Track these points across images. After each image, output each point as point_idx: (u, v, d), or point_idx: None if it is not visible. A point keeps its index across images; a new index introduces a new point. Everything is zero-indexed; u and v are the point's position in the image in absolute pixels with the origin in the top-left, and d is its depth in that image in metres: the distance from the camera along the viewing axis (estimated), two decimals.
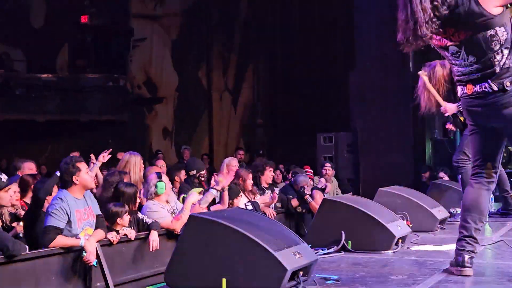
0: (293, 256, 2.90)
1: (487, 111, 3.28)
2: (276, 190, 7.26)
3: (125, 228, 4.75)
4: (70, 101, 13.95)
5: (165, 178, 5.45)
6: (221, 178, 5.54)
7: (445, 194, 6.18)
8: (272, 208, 6.68)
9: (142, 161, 6.13)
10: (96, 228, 4.46)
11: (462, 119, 5.36)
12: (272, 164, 7.52)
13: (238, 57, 15.65)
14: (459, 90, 3.43)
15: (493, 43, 3.15)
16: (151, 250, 4.87)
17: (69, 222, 4.31)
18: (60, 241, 4.21)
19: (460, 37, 3.26)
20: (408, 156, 10.45)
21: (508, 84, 3.15)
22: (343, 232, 4.01)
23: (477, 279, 3.18)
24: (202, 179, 6.48)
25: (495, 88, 3.18)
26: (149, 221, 5.02)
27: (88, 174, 4.51)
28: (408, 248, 4.15)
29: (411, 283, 3.01)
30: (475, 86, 3.29)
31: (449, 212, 5.57)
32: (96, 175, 5.68)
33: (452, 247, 4.07)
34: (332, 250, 3.95)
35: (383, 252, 3.95)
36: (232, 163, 6.97)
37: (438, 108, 5.66)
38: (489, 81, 3.20)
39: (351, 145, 11.34)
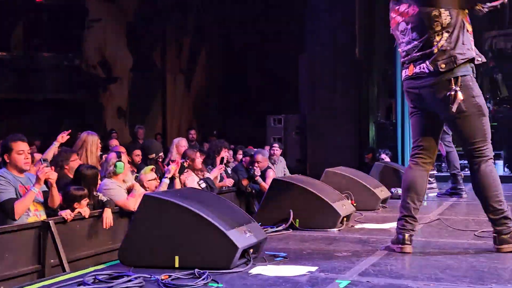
0: (244, 234, 2.90)
1: (424, 94, 3.35)
2: (228, 169, 7.27)
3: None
4: (24, 80, 13.59)
5: (124, 158, 5.39)
6: (173, 167, 5.55)
7: (387, 175, 6.29)
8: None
9: (99, 141, 6.02)
10: None
11: None
12: (227, 145, 7.50)
13: (192, 39, 15.52)
14: (403, 74, 3.50)
15: (435, 23, 3.23)
16: (104, 227, 4.81)
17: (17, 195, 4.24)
18: (20, 205, 4.15)
19: (409, 13, 3.35)
20: (352, 138, 10.59)
21: (443, 66, 3.22)
22: (291, 211, 4.04)
23: (416, 256, 3.24)
24: (160, 160, 6.44)
25: (431, 69, 3.25)
26: (104, 198, 4.96)
27: (22, 154, 4.37)
28: (352, 226, 4.22)
29: (355, 260, 3.05)
30: (415, 68, 3.36)
31: (390, 192, 5.68)
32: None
33: (393, 225, 4.15)
34: (281, 228, 3.98)
35: (329, 230, 4.01)
36: (181, 143, 6.97)
37: None
38: (427, 62, 3.27)
39: (299, 127, 11.45)
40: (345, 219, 4.18)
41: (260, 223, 3.36)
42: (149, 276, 2.61)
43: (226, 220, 2.87)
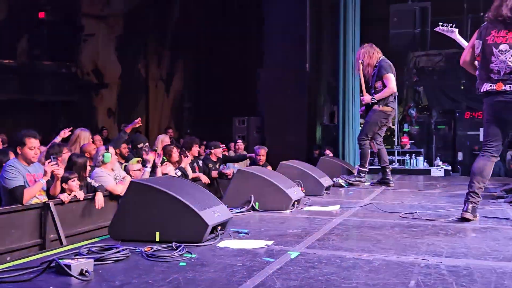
0: (213, 214, 2.92)
1: (509, 107, 3.49)
2: (200, 162, 7.28)
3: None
4: (28, 84, 13.31)
5: (111, 149, 5.37)
6: (151, 157, 5.56)
7: (330, 167, 6.36)
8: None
9: (90, 136, 5.98)
10: None
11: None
12: (198, 141, 7.50)
13: (170, 52, 15.45)
14: (486, 86, 3.56)
15: None
16: (96, 207, 4.79)
17: (24, 182, 4.20)
18: (28, 193, 4.14)
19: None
20: (303, 137, 10.69)
21: None
22: (252, 195, 4.07)
23: (352, 232, 3.31)
24: (146, 149, 6.42)
25: None
26: (96, 184, 4.94)
27: (33, 150, 4.32)
28: (301, 208, 4.25)
29: (303, 235, 3.10)
30: (505, 86, 3.47)
31: (333, 181, 5.75)
32: None
33: (334, 207, 4.24)
34: (243, 210, 4.00)
35: (282, 211, 4.03)
36: (164, 140, 7.03)
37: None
38: None
39: (259, 127, 11.51)
40: (296, 202, 4.22)
41: (227, 206, 3.36)
42: (134, 248, 2.60)
43: (198, 202, 2.88)
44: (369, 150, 6.02)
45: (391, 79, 5.78)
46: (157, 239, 2.80)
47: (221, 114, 13.16)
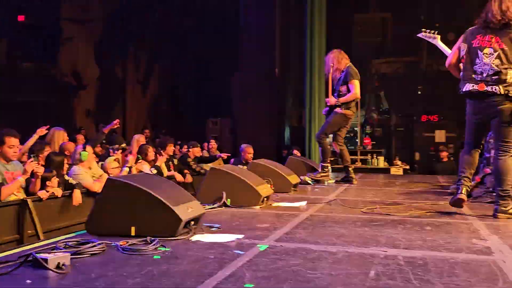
0: (187, 209, 2.89)
1: (489, 107, 3.55)
2: (175, 161, 7.24)
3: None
4: (7, 85, 12.95)
5: (88, 148, 5.28)
6: (131, 158, 5.52)
7: (297, 166, 6.39)
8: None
9: (65, 135, 5.88)
10: None
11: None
12: (173, 141, 7.45)
13: (148, 56, 15.28)
14: (468, 86, 3.61)
15: None
16: (74, 204, 4.70)
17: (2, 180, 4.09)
18: (6, 190, 4.03)
19: (500, 45, 3.50)
20: (272, 137, 10.74)
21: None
22: (224, 192, 4.05)
23: (317, 226, 3.32)
24: (121, 150, 6.34)
25: (502, 92, 3.48)
26: (73, 182, 4.85)
27: (12, 148, 4.21)
28: (270, 204, 4.25)
29: (272, 229, 3.10)
30: (487, 87, 3.52)
31: (300, 179, 5.77)
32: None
33: (301, 203, 4.26)
34: (216, 206, 3.97)
35: (252, 207, 4.02)
36: (140, 139, 6.98)
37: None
38: (500, 86, 3.48)
39: (232, 128, 11.50)
40: (265, 199, 4.22)
41: (200, 202, 3.34)
42: (110, 242, 2.56)
43: (172, 198, 2.85)
44: (329, 146, 6.08)
45: (357, 86, 5.86)
46: (133, 233, 2.75)
47: (195, 115, 13.11)
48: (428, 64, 12.30)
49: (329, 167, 6.13)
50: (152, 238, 2.60)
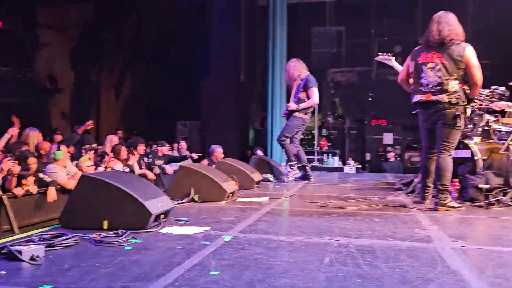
0: (157, 204, 2.85)
1: (435, 112, 3.73)
2: (146, 159, 7.12)
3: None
4: None
5: (63, 148, 5.13)
6: (107, 159, 5.41)
7: (260, 164, 6.41)
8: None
9: (40, 135, 5.70)
10: None
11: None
12: (144, 141, 7.33)
13: (121, 62, 15.00)
14: (418, 97, 3.81)
15: (453, 75, 3.66)
16: (48, 200, 4.55)
17: None
18: None
19: (441, 61, 3.69)
20: (237, 139, 10.73)
21: (454, 100, 3.66)
22: (192, 188, 4.01)
23: (278, 219, 3.34)
24: (93, 151, 6.19)
25: (446, 100, 3.66)
26: (48, 179, 4.69)
27: None
28: (235, 199, 4.24)
29: (236, 222, 3.09)
30: (433, 96, 3.71)
31: (263, 176, 5.79)
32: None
33: (263, 199, 4.27)
34: (184, 201, 3.94)
35: (218, 202, 4.01)
36: (113, 140, 6.84)
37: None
38: (444, 95, 3.66)
39: (200, 130, 11.42)
40: (230, 194, 4.21)
41: (169, 197, 3.29)
42: (84, 235, 2.49)
43: (143, 194, 2.80)
44: (290, 146, 6.11)
45: (315, 93, 5.92)
46: (105, 227, 2.69)
47: (166, 118, 12.94)
48: (378, 74, 12.58)
49: (296, 164, 6.14)
50: (124, 231, 2.55)
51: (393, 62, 5.06)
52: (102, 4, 13.76)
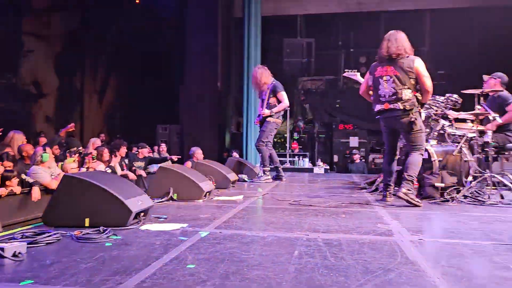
0: (137, 202, 2.80)
1: (394, 119, 3.91)
2: (127, 161, 7.01)
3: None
4: None
5: (48, 150, 5.01)
6: (88, 160, 5.30)
7: (236, 166, 6.41)
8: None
9: (24, 137, 5.53)
10: None
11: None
12: (125, 143, 7.21)
13: (105, 69, 14.73)
14: (378, 106, 3.97)
15: (406, 84, 3.83)
16: (32, 200, 4.42)
17: None
18: None
19: (394, 73, 3.87)
20: (214, 141, 10.68)
21: (408, 107, 3.82)
22: (171, 188, 3.98)
23: (251, 216, 3.33)
24: (78, 153, 6.05)
25: (401, 108, 3.83)
26: (30, 180, 4.56)
27: None
28: (212, 198, 4.23)
29: (212, 219, 3.07)
30: (390, 105, 3.89)
31: (238, 177, 5.78)
32: None
33: (239, 197, 4.26)
34: (163, 200, 3.90)
35: (196, 201, 3.98)
36: (96, 142, 6.72)
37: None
38: (399, 103, 3.84)
39: (179, 133, 11.32)
40: (207, 193, 4.18)
41: (149, 196, 3.25)
42: (65, 232, 2.43)
43: (124, 193, 2.75)
44: (267, 152, 6.13)
45: (285, 96, 5.95)
46: (87, 224, 2.63)
47: (147, 122, 12.77)
48: (345, 82, 12.77)
49: (269, 170, 6.16)
50: (105, 228, 2.50)
51: (358, 77, 5.18)
52: (86, 12, 13.51)
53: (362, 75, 4.79)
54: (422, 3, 11.60)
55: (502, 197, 4.17)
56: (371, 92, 4.15)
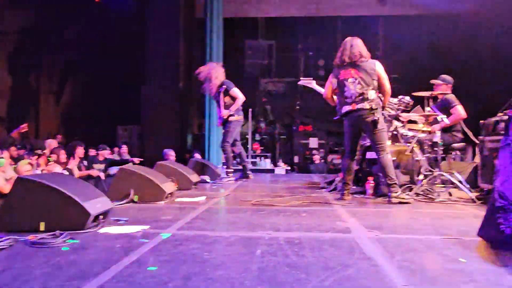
0: (95, 204, 2.70)
1: (360, 118, 4.02)
2: (85, 162, 6.78)
3: None
4: None
5: (5, 154, 4.76)
6: (42, 161, 5.09)
7: (198, 167, 6.34)
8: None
9: None
10: None
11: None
12: (83, 144, 6.96)
13: (61, 68, 14.19)
14: (346, 107, 4.05)
15: (371, 85, 3.99)
16: None
17: None
18: None
19: (358, 75, 4.00)
20: (176, 142, 10.53)
21: (374, 106, 3.98)
22: (132, 189, 3.88)
23: (214, 216, 3.31)
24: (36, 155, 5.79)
25: (367, 107, 3.97)
26: None
27: None
28: (174, 199, 4.15)
29: (175, 220, 3.02)
30: (357, 105, 3.99)
31: (200, 178, 5.72)
32: None
33: (200, 198, 4.22)
34: (124, 202, 3.79)
35: (157, 202, 3.91)
36: (52, 144, 6.47)
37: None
38: (365, 102, 3.97)
39: (140, 134, 11.09)
40: (169, 195, 4.12)
41: (110, 199, 3.15)
42: (19, 237, 2.31)
43: (81, 195, 2.65)
44: (232, 154, 6.10)
45: (238, 91, 5.95)
46: (42, 229, 2.51)
47: (107, 123, 12.42)
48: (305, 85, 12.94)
49: (232, 172, 6.13)
50: (61, 232, 2.39)
51: (313, 84, 5.27)
52: (41, 9, 12.95)
53: (320, 85, 4.91)
54: (376, 9, 11.98)
55: (450, 195, 4.37)
56: (335, 97, 4.25)
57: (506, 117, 3.78)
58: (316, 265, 1.90)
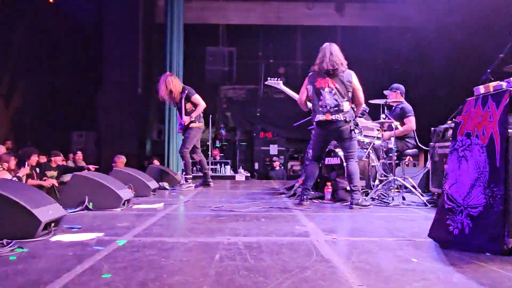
0: (47, 212, 2.59)
1: (334, 129, 4.08)
2: (38, 169, 6.48)
3: None
4: None
5: None
6: None
7: (157, 173, 6.23)
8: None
9: None
10: None
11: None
12: (37, 151, 6.66)
13: (12, 72, 13.51)
14: (319, 117, 4.09)
15: (346, 97, 4.07)
16: None
17: None
18: None
19: (334, 85, 4.05)
20: (135, 149, 10.31)
21: (348, 118, 4.06)
22: (86, 196, 3.75)
23: (172, 222, 3.26)
24: None
25: (341, 119, 4.03)
26: None
27: None
28: (131, 206, 4.05)
29: (131, 227, 2.95)
30: (332, 116, 4.04)
31: (159, 184, 5.62)
32: None
33: (159, 205, 4.14)
34: (78, 209, 3.65)
35: (114, 209, 3.80)
36: (0, 150, 6.13)
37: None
38: (340, 114, 4.03)
39: (97, 140, 10.76)
40: (126, 202, 4.00)
41: (63, 206, 3.02)
42: None
43: (31, 201, 2.53)
44: (191, 161, 6.04)
45: (199, 98, 5.93)
46: None
47: (61, 128, 11.94)
48: (265, 91, 13.08)
49: (191, 178, 6.06)
50: (9, 241, 2.27)
51: (281, 85, 5.32)
52: None
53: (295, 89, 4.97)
54: (334, 19, 12.33)
55: (403, 199, 4.54)
56: (309, 104, 4.30)
57: (453, 124, 3.97)
58: (274, 268, 1.91)
